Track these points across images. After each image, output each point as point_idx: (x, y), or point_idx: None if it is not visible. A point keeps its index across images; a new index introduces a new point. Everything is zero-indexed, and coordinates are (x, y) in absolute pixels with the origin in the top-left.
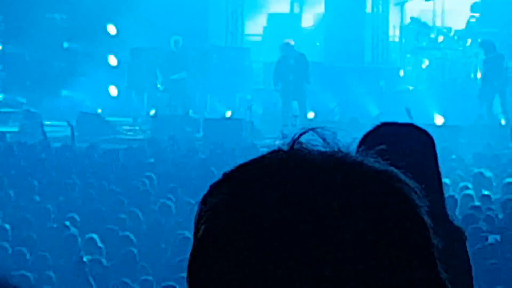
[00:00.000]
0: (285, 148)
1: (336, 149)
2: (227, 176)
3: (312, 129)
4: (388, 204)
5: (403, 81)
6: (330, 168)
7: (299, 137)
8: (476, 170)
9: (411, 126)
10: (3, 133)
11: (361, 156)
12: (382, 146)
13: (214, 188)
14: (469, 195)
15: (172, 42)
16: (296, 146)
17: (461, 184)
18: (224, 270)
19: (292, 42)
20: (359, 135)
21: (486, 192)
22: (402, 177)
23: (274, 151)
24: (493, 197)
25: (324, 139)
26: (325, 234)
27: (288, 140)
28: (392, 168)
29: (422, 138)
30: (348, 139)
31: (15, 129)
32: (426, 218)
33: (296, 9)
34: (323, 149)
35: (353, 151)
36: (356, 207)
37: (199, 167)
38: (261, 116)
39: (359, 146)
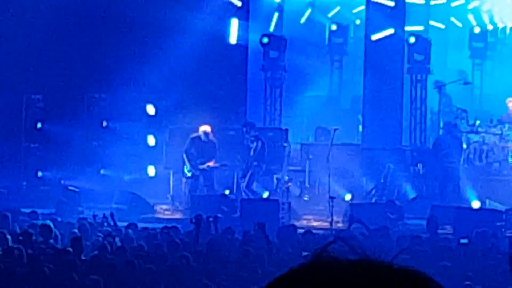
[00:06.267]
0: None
1: (362, 256)
2: None
3: (339, 238)
4: None
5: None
6: (360, 275)
7: (325, 247)
8: None
9: None
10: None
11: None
12: None
13: None
14: None
15: (202, 134)
16: (323, 255)
17: None
18: None
19: None
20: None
21: None
22: (428, 276)
23: (302, 264)
24: None
25: (350, 246)
26: None
27: None
28: (417, 269)
29: None
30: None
31: (53, 210)
32: None
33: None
34: (349, 257)
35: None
36: None
37: (235, 247)
38: (298, 197)
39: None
